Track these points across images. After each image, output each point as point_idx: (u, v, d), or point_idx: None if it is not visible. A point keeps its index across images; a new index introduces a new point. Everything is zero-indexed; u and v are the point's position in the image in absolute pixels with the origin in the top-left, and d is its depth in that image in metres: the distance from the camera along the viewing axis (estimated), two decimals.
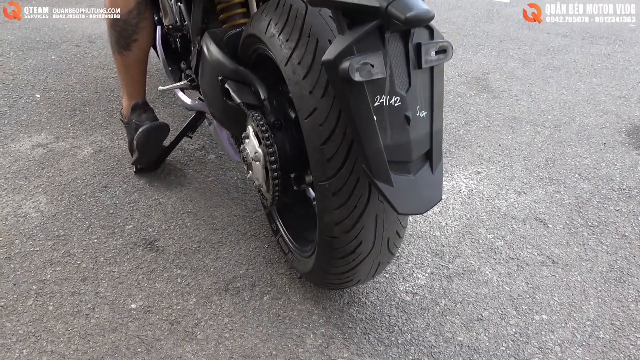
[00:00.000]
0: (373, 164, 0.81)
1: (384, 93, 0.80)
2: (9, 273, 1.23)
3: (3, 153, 1.74)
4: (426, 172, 0.86)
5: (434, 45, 0.82)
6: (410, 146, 0.83)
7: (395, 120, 0.81)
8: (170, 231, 1.40)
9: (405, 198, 0.84)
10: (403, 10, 0.74)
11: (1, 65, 2.48)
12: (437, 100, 0.86)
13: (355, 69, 0.75)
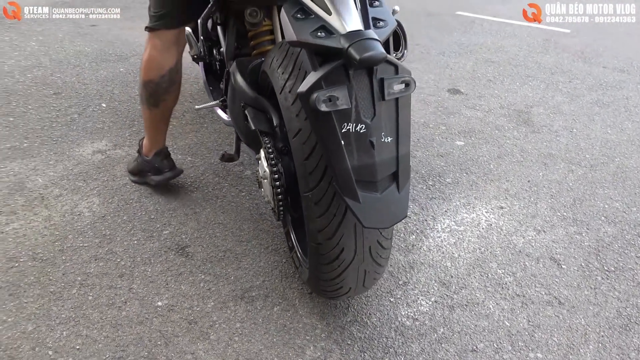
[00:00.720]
0: (341, 182, 0.94)
1: (350, 121, 0.93)
2: (60, 264, 1.42)
3: (68, 157, 1.97)
4: (392, 191, 0.98)
5: (397, 80, 0.94)
6: (375, 168, 0.95)
7: (361, 145, 0.94)
8: (201, 239, 1.54)
9: (371, 213, 0.95)
10: (359, 52, 0.88)
11: (77, 75, 2.78)
12: (403, 128, 0.98)
13: (321, 101, 0.89)
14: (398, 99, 0.97)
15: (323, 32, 0.95)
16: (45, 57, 3.03)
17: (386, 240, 1.11)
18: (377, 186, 0.97)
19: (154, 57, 1.54)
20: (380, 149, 0.96)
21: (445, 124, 2.40)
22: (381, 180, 0.97)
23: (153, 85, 1.57)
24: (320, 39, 0.94)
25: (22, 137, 2.09)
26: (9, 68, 2.83)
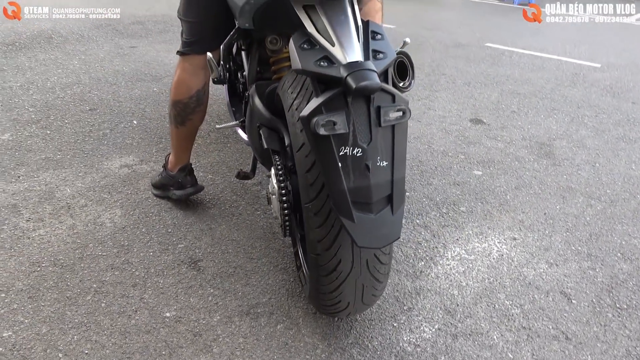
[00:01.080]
0: (338, 202, 0.99)
1: (348, 145, 0.99)
2: (78, 270, 1.49)
3: (97, 169, 2.07)
4: (387, 213, 1.02)
5: (393, 108, 1.00)
6: (370, 190, 1.00)
7: (357, 168, 0.99)
8: (213, 254, 1.59)
9: (364, 233, 1.00)
10: (355, 81, 0.94)
11: (112, 92, 2.92)
12: (399, 153, 1.03)
13: (320, 125, 0.95)
14: (394, 126, 1.03)
15: (325, 61, 1.02)
16: (85, 75, 3.21)
17: (384, 255, 1.13)
18: (371, 207, 1.01)
19: (183, 80, 1.63)
20: (375, 172, 1.01)
21: (465, 153, 2.41)
22: (376, 202, 1.02)
23: (181, 105, 1.65)
24: (322, 68, 1.00)
25: (57, 149, 2.21)
26: (51, 84, 3.01)
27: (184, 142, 1.75)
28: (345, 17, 1.09)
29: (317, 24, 1.08)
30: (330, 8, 1.09)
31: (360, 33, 1.09)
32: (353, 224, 1.00)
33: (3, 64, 3.34)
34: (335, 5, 1.09)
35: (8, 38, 4.00)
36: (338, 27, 1.08)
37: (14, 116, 2.53)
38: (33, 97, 2.79)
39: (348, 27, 1.08)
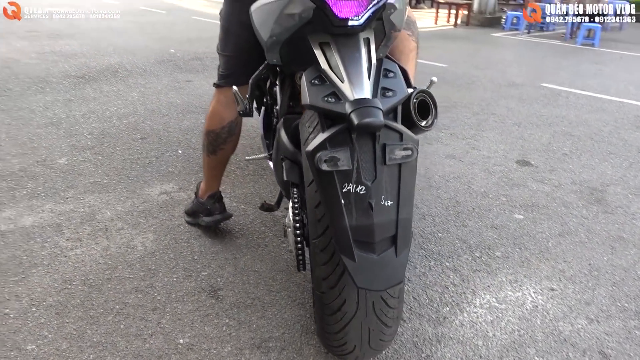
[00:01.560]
0: (339, 240, 0.97)
1: (351, 182, 0.97)
2: (105, 291, 1.54)
3: (138, 195, 2.16)
4: (390, 255, 0.98)
5: (399, 147, 0.98)
6: (373, 229, 0.97)
7: (360, 206, 0.97)
8: (234, 284, 1.59)
9: (365, 274, 0.97)
10: (358, 118, 0.93)
11: (164, 123, 3.08)
12: (405, 193, 0.99)
13: (323, 161, 0.95)
14: (401, 165, 1.00)
15: (333, 97, 1.02)
16: (141, 106, 3.41)
17: (392, 299, 1.08)
18: (374, 247, 0.98)
19: (217, 111, 1.69)
20: (379, 211, 0.98)
21: (507, 195, 2.31)
22: (379, 242, 0.99)
23: (214, 135, 1.71)
24: (328, 104, 1.00)
25: (105, 174, 2.34)
26: (109, 114, 3.22)
27: (215, 171, 1.80)
28: (358, 55, 1.09)
29: (330, 60, 1.09)
30: (344, 45, 1.09)
31: (372, 71, 1.09)
32: (354, 263, 0.98)
33: (72, 95, 3.62)
34: (349, 43, 1.10)
35: (80, 72, 4.34)
36: (349, 64, 1.08)
37: (73, 142, 2.71)
38: (92, 125, 2.99)
39: (359, 64, 1.08)
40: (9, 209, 1.99)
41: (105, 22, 7.61)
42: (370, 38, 1.14)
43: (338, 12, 1.05)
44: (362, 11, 1.06)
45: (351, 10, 1.05)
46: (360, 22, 1.06)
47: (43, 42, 5.64)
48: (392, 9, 1.10)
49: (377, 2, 1.06)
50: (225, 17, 1.59)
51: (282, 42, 1.19)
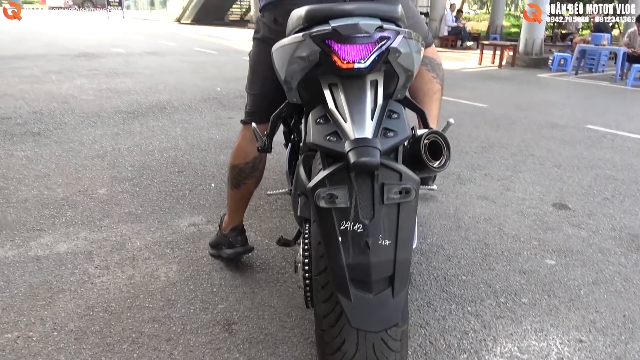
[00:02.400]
0: (335, 277, 0.97)
1: (349, 219, 0.97)
2: (124, 319, 1.58)
3: (168, 226, 2.23)
4: (387, 295, 0.97)
5: (397, 187, 0.97)
6: (369, 268, 0.96)
7: (357, 244, 0.96)
8: (249, 319, 1.60)
9: (360, 314, 0.95)
10: (354, 157, 0.94)
11: (201, 158, 3.19)
12: (404, 233, 0.98)
13: (321, 197, 0.95)
14: (400, 205, 0.99)
15: (334, 137, 1.04)
16: (182, 141, 3.56)
17: (393, 341, 1.05)
18: (371, 287, 0.97)
19: (242, 146, 1.75)
20: (376, 250, 0.97)
21: (540, 239, 2.22)
22: (376, 281, 0.97)
23: (238, 170, 1.77)
24: (329, 143, 1.02)
25: (139, 205, 2.44)
26: (152, 148, 3.37)
27: (238, 204, 1.85)
28: (364, 96, 1.11)
29: (336, 100, 1.11)
30: (350, 86, 1.12)
31: (377, 112, 1.10)
32: (349, 302, 0.97)
33: (120, 129, 3.83)
34: (355, 84, 1.12)
35: (130, 107, 4.61)
36: (354, 104, 1.09)
37: (115, 174, 2.86)
38: (134, 158, 3.14)
39: (363, 105, 1.09)
40: (47, 235, 2.11)
41: (159, 62, 8.10)
42: (378, 80, 1.15)
43: (344, 55, 1.08)
44: (367, 55, 1.08)
45: (356, 54, 1.08)
46: (365, 65, 1.08)
47: (101, 80, 6.05)
48: (396, 53, 1.11)
49: (381, 45, 1.08)
50: (252, 57, 1.66)
51: (299, 83, 1.23)
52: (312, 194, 0.98)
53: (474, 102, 5.59)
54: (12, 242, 2.04)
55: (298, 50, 1.12)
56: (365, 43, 1.07)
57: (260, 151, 1.49)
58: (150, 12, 26.02)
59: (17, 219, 2.25)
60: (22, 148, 3.26)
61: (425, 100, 1.76)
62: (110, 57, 8.45)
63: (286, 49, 1.19)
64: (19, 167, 2.91)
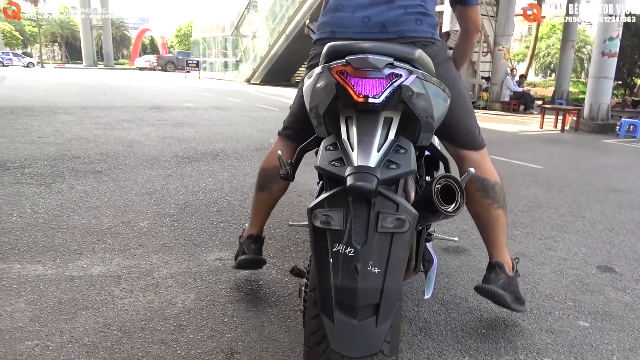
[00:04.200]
0: (322, 298, 0.98)
1: (342, 242, 0.99)
2: (135, 338, 1.63)
3: (196, 258, 2.31)
4: (370, 323, 0.97)
5: (391, 216, 0.99)
6: (356, 293, 0.97)
7: (346, 267, 0.98)
8: (252, 350, 1.60)
9: (341, 338, 0.96)
10: (351, 181, 0.99)
11: (241, 200, 3.31)
12: (395, 264, 0.98)
13: (317, 217, 0.99)
14: (393, 235, 1.01)
15: (339, 162, 1.09)
16: (227, 185, 3.72)
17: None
18: (355, 313, 0.98)
19: (273, 152, 1.87)
20: (364, 276, 0.98)
21: (576, 300, 2.07)
22: (361, 307, 0.98)
23: (265, 172, 1.89)
24: (332, 167, 1.08)
25: (174, 238, 2.55)
26: (198, 189, 3.55)
27: (259, 210, 1.91)
28: (374, 129, 1.15)
29: (349, 131, 1.17)
30: (363, 120, 1.16)
31: (386, 146, 1.13)
32: (332, 324, 0.98)
33: (173, 171, 4.08)
34: (368, 118, 1.16)
35: (187, 153, 4.90)
36: (363, 136, 1.14)
37: (158, 209, 3.02)
38: (180, 197, 3.31)
39: (372, 138, 1.13)
40: (85, 258, 2.25)
41: (222, 115, 8.61)
42: (394, 119, 1.19)
43: (359, 90, 1.13)
44: (381, 91, 1.13)
45: (371, 89, 1.13)
46: (379, 100, 1.13)
47: (166, 129, 6.51)
48: (409, 92, 1.14)
49: (393, 82, 1.13)
50: (301, 81, 1.79)
51: (322, 117, 1.28)
52: (310, 214, 1.02)
53: (528, 163, 5.44)
54: (53, 262, 2.19)
55: (318, 82, 1.20)
56: (378, 78, 1.12)
57: (282, 179, 1.55)
58: (223, 73, 27.91)
59: (63, 242, 2.42)
60: (82, 183, 3.55)
61: (486, 230, 1.74)
62: (179, 110, 9.10)
63: (310, 82, 1.27)
64: (76, 199, 3.16)
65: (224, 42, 27.83)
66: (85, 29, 41.97)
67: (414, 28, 1.50)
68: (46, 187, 3.40)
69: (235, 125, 7.32)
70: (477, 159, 1.70)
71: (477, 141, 1.71)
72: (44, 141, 5.15)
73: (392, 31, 1.48)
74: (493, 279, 1.70)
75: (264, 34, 22.72)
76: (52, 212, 2.86)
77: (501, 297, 1.67)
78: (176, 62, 38.00)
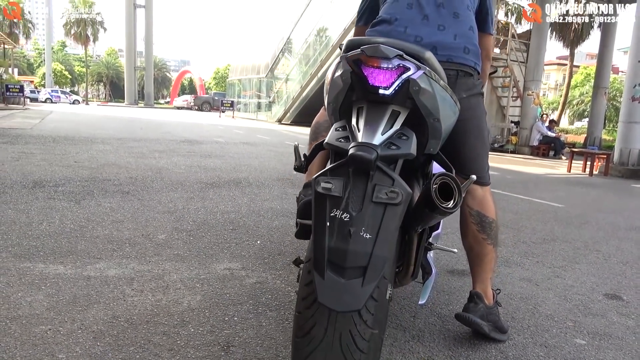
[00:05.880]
0: (316, 256, 1.09)
1: (339, 208, 1.10)
2: (140, 329, 1.73)
3: (206, 267, 2.42)
4: (356, 283, 1.06)
5: (386, 189, 1.11)
6: (346, 255, 1.07)
7: (341, 231, 1.09)
8: (247, 344, 1.67)
9: (329, 292, 1.06)
10: (352, 151, 1.13)
11: (257, 221, 3.43)
12: (385, 233, 1.09)
13: (319, 184, 1.12)
14: (386, 206, 1.11)
15: (344, 140, 1.23)
16: (245, 208, 3.86)
17: (361, 339, 1.09)
18: (344, 272, 1.08)
19: (323, 113, 1.92)
20: (356, 240, 1.08)
21: (576, 321, 2.06)
22: (349, 268, 1.08)
23: (317, 125, 1.94)
24: (339, 143, 1.22)
25: (188, 249, 2.68)
26: (217, 210, 3.70)
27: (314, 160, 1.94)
28: (381, 118, 1.27)
29: (359, 118, 1.30)
30: (373, 109, 1.29)
31: (390, 132, 1.25)
32: (322, 280, 1.08)
33: (195, 194, 4.26)
34: (377, 108, 1.29)
35: (210, 180, 5.10)
36: (370, 121, 1.27)
37: (177, 225, 3.17)
38: (198, 216, 3.46)
39: (378, 124, 1.26)
40: (103, 262, 2.39)
41: (250, 150, 8.89)
42: (401, 113, 1.30)
43: (371, 81, 1.26)
44: (391, 83, 1.26)
45: (382, 81, 1.26)
46: (388, 92, 1.25)
47: (194, 160, 6.78)
48: (416, 86, 1.25)
49: (401, 74, 1.25)
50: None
51: (338, 111, 1.39)
52: (314, 181, 1.14)
53: (549, 202, 5.39)
54: (73, 264, 2.34)
55: (336, 71, 1.35)
56: (389, 70, 1.25)
57: (296, 170, 1.65)
58: (256, 114, 28.78)
59: (85, 249, 2.58)
60: (109, 201, 3.76)
61: (476, 262, 1.82)
62: (210, 144, 9.45)
63: (328, 74, 1.42)
64: (102, 214, 3.35)
65: (258, 83, 28.84)
66: (130, 69, 44.38)
67: (462, 55, 1.62)
68: (76, 202, 3.61)
69: (261, 159, 7.55)
70: (480, 195, 1.78)
71: (485, 177, 1.78)
72: (79, 165, 5.47)
73: (442, 54, 1.57)
74: (472, 308, 1.75)
75: (296, 77, 23.49)
76: (78, 224, 3.04)
77: (478, 325, 1.70)
78: (212, 102, 39.46)
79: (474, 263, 1.81)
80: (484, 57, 1.90)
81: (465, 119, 1.61)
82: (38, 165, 5.26)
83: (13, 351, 1.54)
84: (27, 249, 2.50)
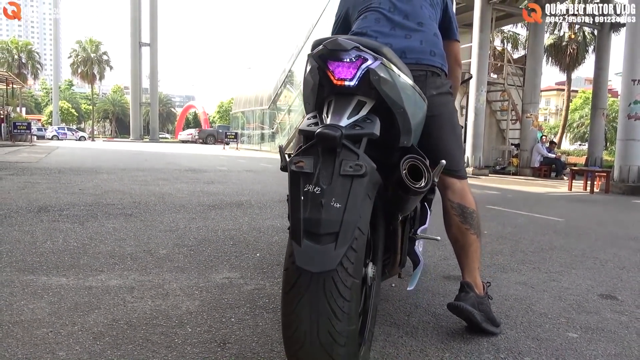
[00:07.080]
0: (293, 228, 1.20)
1: (311, 183, 1.21)
2: (138, 330, 1.78)
3: (205, 277, 2.47)
4: (330, 247, 1.16)
5: (352, 163, 1.22)
6: (320, 223, 1.17)
7: (314, 203, 1.19)
8: (243, 341, 1.71)
9: (306, 257, 1.16)
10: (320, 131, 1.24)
11: (257, 237, 3.48)
12: (353, 202, 1.19)
13: (293, 163, 1.23)
14: (353, 179, 1.21)
15: (314, 125, 1.34)
16: (246, 225, 3.92)
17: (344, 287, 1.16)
18: (319, 239, 1.17)
19: None
20: (328, 209, 1.18)
21: (570, 319, 2.08)
22: (324, 235, 1.17)
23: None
24: (309, 127, 1.33)
25: (188, 262, 2.74)
26: (217, 228, 3.76)
27: None
28: (346, 106, 1.39)
29: (328, 109, 1.41)
30: (340, 99, 1.41)
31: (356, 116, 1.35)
32: (299, 248, 1.18)
33: (197, 215, 4.33)
34: (344, 99, 1.40)
35: (213, 203, 5.18)
36: (337, 109, 1.39)
37: (178, 242, 3.23)
38: (200, 234, 3.53)
39: (344, 110, 1.38)
40: (104, 274, 2.45)
41: (253, 176, 8.99)
42: (367, 103, 1.40)
43: (337, 75, 1.37)
44: (353, 75, 1.37)
45: (346, 73, 1.37)
46: (352, 83, 1.37)
47: (197, 186, 6.88)
48: (375, 75, 1.37)
49: (361, 64, 1.36)
50: None
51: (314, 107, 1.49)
52: (288, 162, 1.24)
53: (549, 216, 5.42)
54: (75, 276, 2.40)
55: (307, 70, 1.46)
56: (351, 62, 1.36)
57: (282, 170, 1.73)
58: (260, 145, 29.09)
59: (87, 263, 2.64)
60: (112, 222, 3.83)
61: (462, 253, 1.90)
62: (213, 172, 9.57)
63: (303, 75, 1.52)
64: (105, 233, 3.42)
65: (261, 115, 29.25)
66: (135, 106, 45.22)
67: (429, 57, 1.79)
68: (79, 224, 3.69)
69: (263, 184, 7.64)
70: (459, 188, 1.88)
71: (461, 171, 1.90)
72: (83, 192, 5.57)
73: (410, 57, 1.75)
74: (463, 297, 1.79)
75: (298, 107, 23.85)
76: (81, 242, 3.11)
77: (470, 313, 1.74)
78: (216, 135, 39.89)
79: (460, 254, 1.86)
80: (452, 63, 2.01)
81: (438, 115, 1.76)
82: (43, 192, 5.37)
83: (15, 350, 1.59)
84: (30, 264, 2.57)
